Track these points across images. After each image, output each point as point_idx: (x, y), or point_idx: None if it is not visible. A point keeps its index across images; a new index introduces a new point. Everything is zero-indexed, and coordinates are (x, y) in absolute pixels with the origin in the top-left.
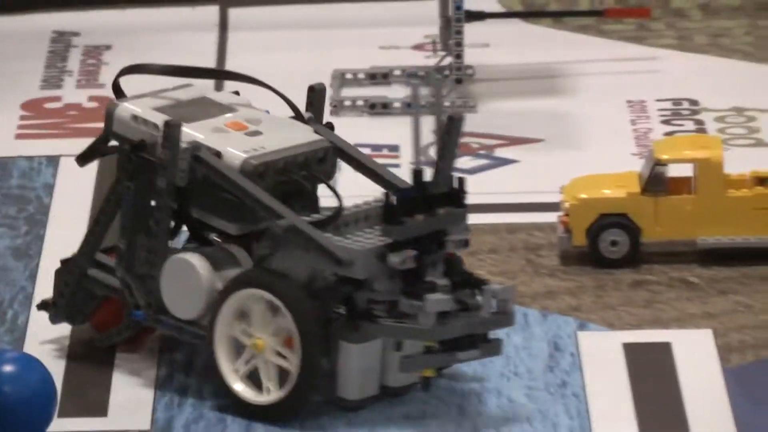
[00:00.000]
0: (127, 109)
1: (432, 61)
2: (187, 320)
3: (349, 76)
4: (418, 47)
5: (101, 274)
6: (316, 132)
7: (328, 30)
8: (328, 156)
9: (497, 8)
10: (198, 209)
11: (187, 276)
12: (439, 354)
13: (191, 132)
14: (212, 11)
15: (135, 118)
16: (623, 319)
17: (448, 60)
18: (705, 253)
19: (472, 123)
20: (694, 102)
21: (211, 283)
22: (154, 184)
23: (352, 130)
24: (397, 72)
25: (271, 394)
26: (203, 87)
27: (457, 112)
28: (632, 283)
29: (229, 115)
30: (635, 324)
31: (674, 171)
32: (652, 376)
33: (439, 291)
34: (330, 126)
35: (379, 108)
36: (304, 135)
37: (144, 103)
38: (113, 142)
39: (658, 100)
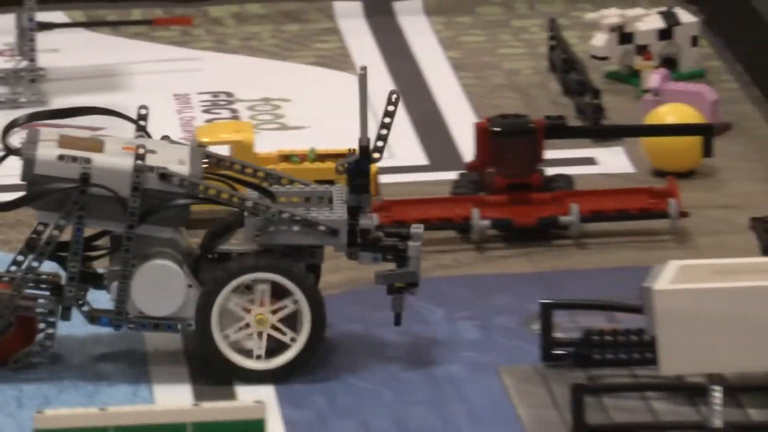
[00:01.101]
0: (47, 152)
1: (10, 65)
2: (164, 316)
3: None
4: None
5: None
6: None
7: None
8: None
9: (65, 19)
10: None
11: (166, 277)
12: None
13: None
14: None
15: (61, 157)
16: None
17: (24, 63)
18: None
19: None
20: (230, 94)
21: (185, 280)
22: (101, 211)
23: None
24: None
25: (263, 362)
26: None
27: (395, 90)
28: None
29: (116, 141)
30: None
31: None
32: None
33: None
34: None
35: None
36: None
37: (53, 145)
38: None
39: (199, 93)
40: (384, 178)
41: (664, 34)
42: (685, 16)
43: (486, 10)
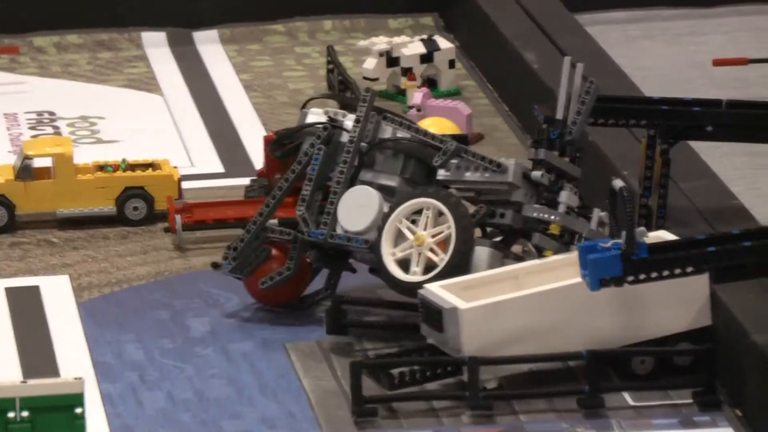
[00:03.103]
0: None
1: None
2: (356, 232)
3: None
4: None
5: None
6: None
7: None
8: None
9: None
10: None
11: (365, 197)
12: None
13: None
14: None
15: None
16: (5, 270)
17: None
18: (64, 221)
19: None
20: (52, 113)
21: (381, 202)
22: (340, 148)
23: None
24: None
25: (416, 276)
26: None
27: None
28: (10, 244)
29: None
30: (13, 274)
31: (40, 163)
32: (27, 316)
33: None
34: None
35: None
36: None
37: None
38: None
39: (26, 113)
40: (186, 184)
41: (426, 58)
42: (444, 43)
43: (272, 38)
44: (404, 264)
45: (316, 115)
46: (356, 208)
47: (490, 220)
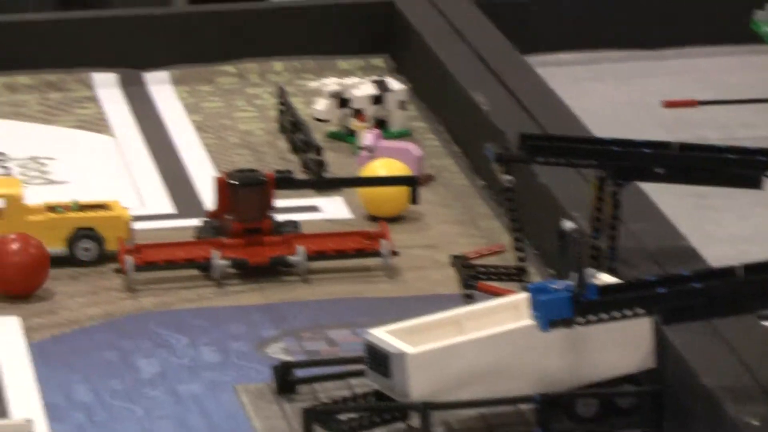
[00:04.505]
0: None
1: None
2: None
3: None
4: None
5: None
6: None
7: None
8: None
9: None
10: None
11: None
12: None
13: None
14: None
15: None
16: None
17: None
18: None
19: None
20: (2, 154)
21: None
22: None
23: None
24: None
25: None
26: None
27: None
28: None
29: None
30: None
31: None
32: None
33: None
34: None
35: None
36: None
37: None
38: None
39: None
40: (137, 225)
41: (377, 100)
42: (395, 84)
43: (223, 79)
44: None
45: None
46: None
47: None
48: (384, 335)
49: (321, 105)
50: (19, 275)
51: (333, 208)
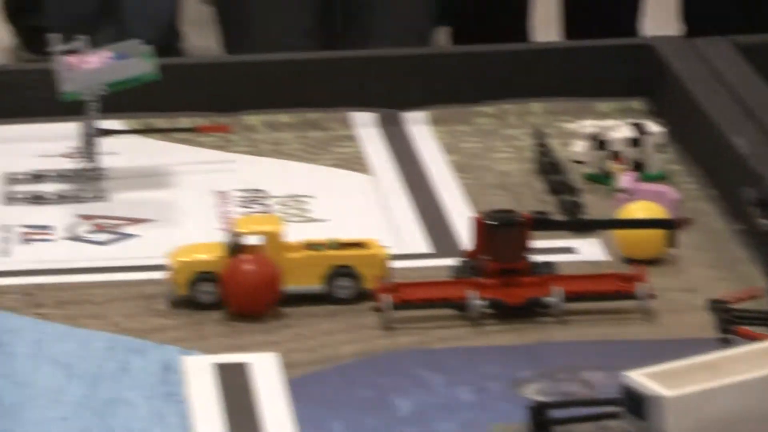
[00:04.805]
0: None
1: (76, 165)
2: None
3: (17, 177)
4: (65, 155)
5: None
6: None
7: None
8: None
9: (122, 126)
10: None
11: None
12: None
13: None
14: None
15: None
16: (215, 346)
17: (87, 164)
18: None
19: (104, 209)
20: (261, 191)
21: None
22: None
23: (23, 215)
24: (52, 173)
25: None
26: None
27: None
28: (220, 320)
29: None
30: (223, 350)
31: (250, 240)
32: (236, 392)
33: None
34: None
35: (39, 199)
36: None
37: None
38: None
39: (236, 190)
40: (394, 263)
41: (635, 143)
42: (653, 127)
43: (481, 120)
44: None
45: None
46: None
47: None
48: (641, 378)
49: (579, 147)
50: (249, 294)
51: (589, 250)
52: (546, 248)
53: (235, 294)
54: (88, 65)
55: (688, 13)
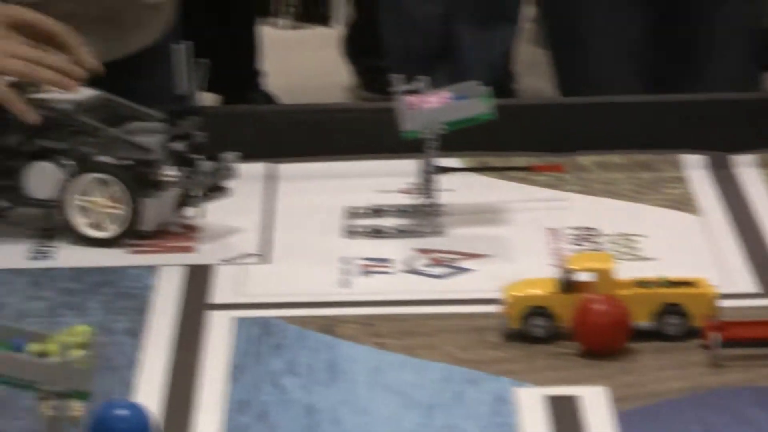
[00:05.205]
0: None
1: (415, 201)
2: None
3: (358, 211)
4: (403, 191)
5: None
6: None
7: (342, 180)
8: None
9: (459, 165)
10: None
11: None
12: None
13: None
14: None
15: None
16: (547, 379)
17: (426, 200)
18: None
19: (441, 243)
20: (593, 229)
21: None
22: None
23: (363, 247)
24: (391, 208)
25: (109, 231)
26: None
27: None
28: (554, 353)
29: None
30: (554, 382)
31: (581, 277)
32: (567, 425)
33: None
34: None
35: (379, 233)
36: None
37: None
38: None
39: (567, 228)
40: (722, 302)
41: None
42: None
43: None
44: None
45: None
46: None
47: None
48: None
49: None
50: (601, 334)
51: None
52: None
53: (596, 333)
54: (428, 105)
55: None
